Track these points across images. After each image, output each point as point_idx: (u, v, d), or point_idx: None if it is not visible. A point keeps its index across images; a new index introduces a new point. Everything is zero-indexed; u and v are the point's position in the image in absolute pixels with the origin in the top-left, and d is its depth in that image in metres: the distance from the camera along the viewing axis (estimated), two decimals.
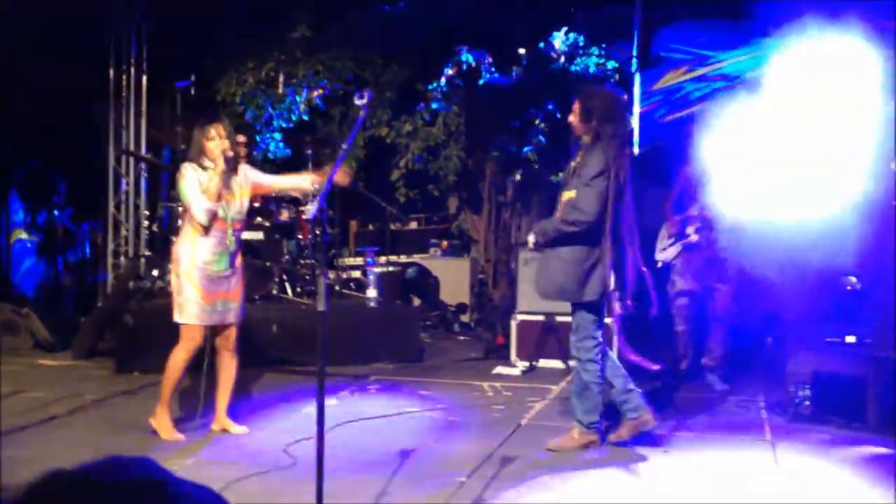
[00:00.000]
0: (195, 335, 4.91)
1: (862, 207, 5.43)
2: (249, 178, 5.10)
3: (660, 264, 6.73)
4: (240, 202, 5.00)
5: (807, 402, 5.47)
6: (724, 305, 6.53)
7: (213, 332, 5.04)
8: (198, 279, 4.87)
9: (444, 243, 10.43)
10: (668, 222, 6.76)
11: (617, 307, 4.85)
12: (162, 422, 5.00)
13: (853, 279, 6.58)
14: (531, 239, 4.89)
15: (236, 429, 5.13)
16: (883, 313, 5.44)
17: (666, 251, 6.70)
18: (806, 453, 4.89)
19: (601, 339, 4.82)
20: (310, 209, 3.46)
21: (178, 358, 4.93)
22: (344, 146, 3.62)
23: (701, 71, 8.56)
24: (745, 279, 6.54)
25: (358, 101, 3.77)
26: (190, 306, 4.87)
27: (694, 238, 6.53)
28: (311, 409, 4.70)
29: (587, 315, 4.78)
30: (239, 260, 5.09)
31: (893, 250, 5.44)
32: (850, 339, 5.69)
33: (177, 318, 4.94)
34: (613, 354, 5.14)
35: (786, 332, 6.98)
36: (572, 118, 4.84)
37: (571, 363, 4.96)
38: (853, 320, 6.01)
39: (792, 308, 7.13)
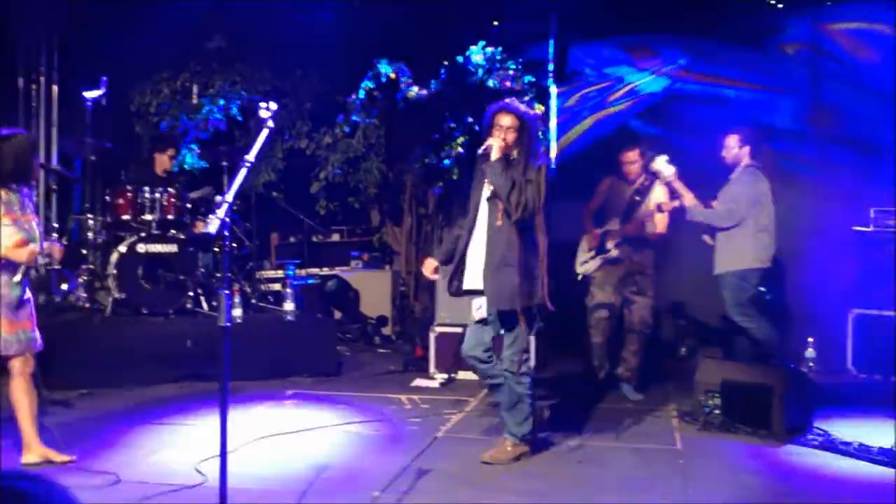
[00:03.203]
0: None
1: None
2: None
3: (580, 277, 6.80)
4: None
5: (716, 411, 5.61)
6: (640, 318, 6.62)
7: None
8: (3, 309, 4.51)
9: (366, 256, 10.37)
10: (587, 235, 6.83)
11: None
12: (41, 451, 4.66)
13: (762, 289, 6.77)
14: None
15: (60, 457, 4.68)
16: None
17: (586, 264, 6.76)
18: (714, 461, 5.01)
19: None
20: (213, 224, 3.36)
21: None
22: (249, 158, 3.54)
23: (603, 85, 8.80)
24: (662, 292, 6.69)
25: (263, 113, 3.71)
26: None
27: (614, 253, 6.62)
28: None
29: (522, 328, 4.78)
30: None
31: None
32: None
33: None
34: None
35: (698, 343, 7.18)
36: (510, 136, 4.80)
37: (497, 380, 4.95)
38: None
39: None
